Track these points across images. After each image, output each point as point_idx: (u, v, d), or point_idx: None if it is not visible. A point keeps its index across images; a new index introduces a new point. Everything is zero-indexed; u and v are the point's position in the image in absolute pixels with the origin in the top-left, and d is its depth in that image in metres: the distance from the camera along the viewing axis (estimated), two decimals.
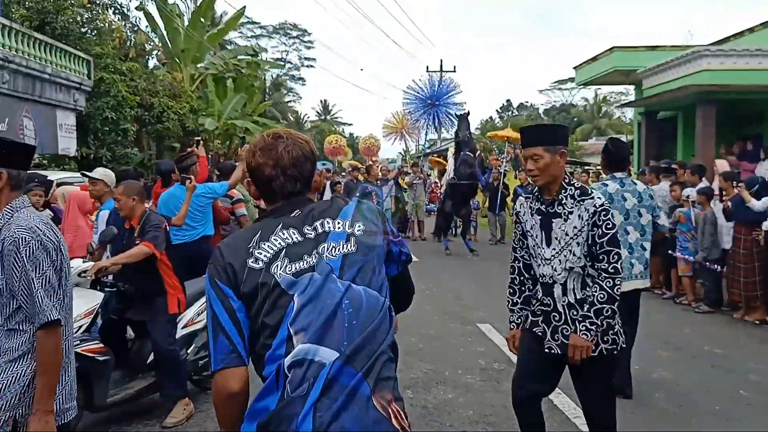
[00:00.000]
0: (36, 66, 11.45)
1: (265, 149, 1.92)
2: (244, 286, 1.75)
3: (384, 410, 1.70)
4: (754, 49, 12.76)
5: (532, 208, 3.29)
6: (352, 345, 1.71)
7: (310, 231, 1.85)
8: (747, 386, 5.25)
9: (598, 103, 60.46)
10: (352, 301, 1.77)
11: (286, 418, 1.64)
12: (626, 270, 4.68)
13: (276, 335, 1.72)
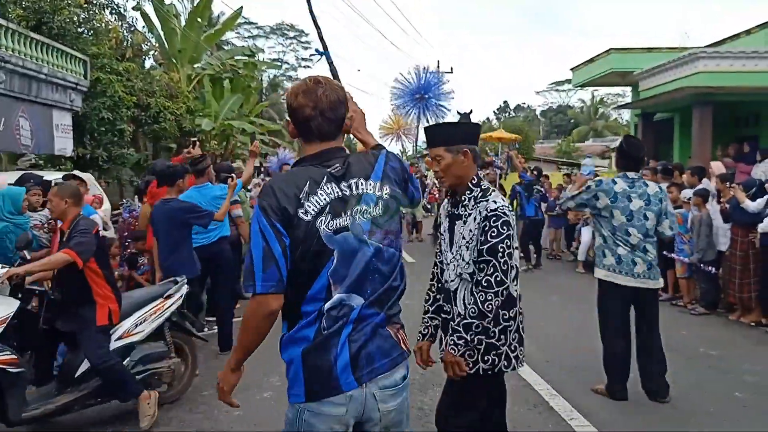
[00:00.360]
0: (32, 66, 11.42)
1: (307, 92, 2.18)
2: (296, 231, 2.07)
3: (395, 337, 2.24)
4: (750, 51, 12.82)
5: (445, 209, 3.15)
6: (375, 294, 2.17)
7: (346, 189, 2.16)
8: (743, 388, 5.25)
9: (595, 104, 60.55)
10: (378, 259, 2.18)
11: (327, 347, 2.10)
12: (627, 266, 4.76)
13: (316, 279, 2.10)
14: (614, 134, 51.02)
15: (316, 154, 2.20)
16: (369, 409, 2.14)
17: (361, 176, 2.20)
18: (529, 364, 5.82)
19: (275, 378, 5.54)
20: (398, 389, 2.22)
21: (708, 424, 4.52)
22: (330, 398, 2.09)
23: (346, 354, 2.10)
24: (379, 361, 2.16)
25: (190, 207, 5.73)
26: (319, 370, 2.10)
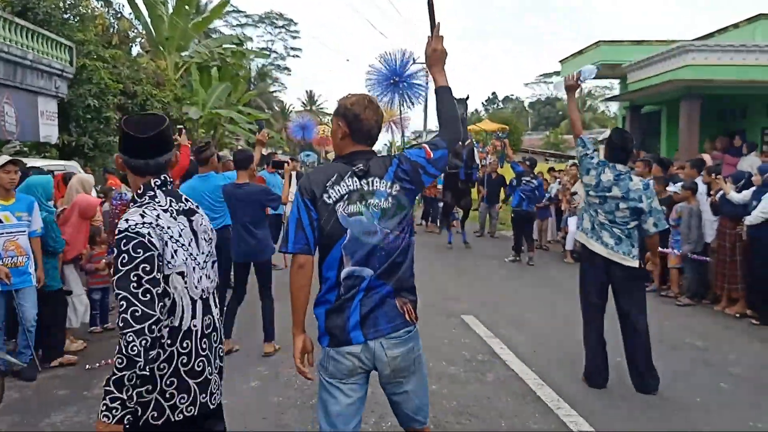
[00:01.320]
0: (17, 52, 11.27)
1: (372, 108, 2.82)
2: (319, 209, 2.66)
3: (401, 308, 2.72)
4: (738, 44, 12.87)
5: None
6: (382, 267, 2.67)
7: (365, 184, 2.70)
8: (727, 379, 5.30)
9: (583, 96, 60.70)
10: (384, 241, 2.68)
11: (342, 309, 2.67)
12: (595, 234, 4.98)
13: (332, 249, 2.67)
14: (602, 126, 51.19)
15: (349, 154, 2.80)
16: (377, 355, 2.68)
17: (377, 176, 2.73)
18: (516, 354, 5.87)
19: (262, 367, 5.53)
20: (401, 341, 2.71)
21: (693, 414, 4.55)
22: (342, 347, 2.68)
23: (357, 316, 2.67)
24: (383, 324, 2.68)
25: (265, 189, 6.19)
26: (336, 327, 2.69)
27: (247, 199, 5.88)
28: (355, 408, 2.76)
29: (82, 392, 4.97)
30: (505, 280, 9.72)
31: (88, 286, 6.71)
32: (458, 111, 3.25)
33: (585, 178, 5.09)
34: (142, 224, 2.22)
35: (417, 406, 2.84)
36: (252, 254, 5.94)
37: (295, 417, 4.43)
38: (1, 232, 5.14)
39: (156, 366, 2.26)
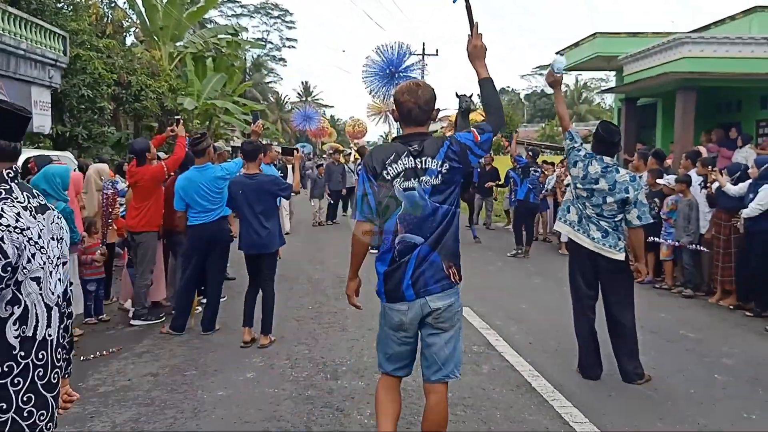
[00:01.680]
0: (10, 41, 11.20)
1: (410, 92, 3.17)
2: (379, 183, 3.13)
3: (446, 271, 3.13)
4: (734, 37, 12.86)
5: None
6: (431, 236, 3.09)
7: (418, 162, 3.09)
8: (721, 370, 5.32)
9: (579, 88, 60.72)
10: (433, 213, 3.09)
11: (398, 271, 3.14)
12: (582, 228, 4.98)
13: (389, 219, 3.13)
14: (597, 119, 51.23)
15: (406, 135, 3.21)
16: (423, 308, 3.14)
17: (430, 155, 3.10)
18: (511, 345, 5.88)
19: (258, 359, 5.52)
20: (443, 296, 3.15)
21: (687, 406, 4.57)
22: (397, 304, 3.18)
23: (409, 277, 3.12)
24: (431, 285, 3.12)
25: (276, 179, 6.14)
26: (392, 287, 3.18)
27: (259, 189, 5.85)
28: (405, 353, 3.33)
29: (76, 383, 4.95)
30: (500, 272, 9.73)
31: (82, 277, 6.69)
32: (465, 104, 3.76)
33: (572, 170, 5.09)
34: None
35: (447, 356, 3.21)
36: (262, 246, 5.90)
37: (291, 409, 4.43)
38: None
39: (9, 381, 1.95)
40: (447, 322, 3.18)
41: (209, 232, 6.25)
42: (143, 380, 5.02)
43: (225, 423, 4.21)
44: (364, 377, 5.05)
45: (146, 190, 6.55)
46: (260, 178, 5.91)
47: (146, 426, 4.17)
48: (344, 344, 5.95)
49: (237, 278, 8.62)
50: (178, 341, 6.09)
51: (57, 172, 5.73)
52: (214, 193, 6.23)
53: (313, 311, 7.24)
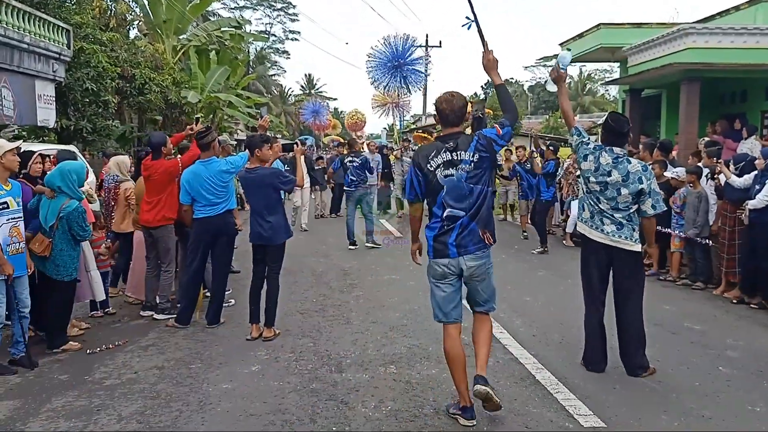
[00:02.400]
0: (14, 35, 11.19)
1: (448, 101, 4.12)
2: (425, 174, 4.09)
3: (482, 236, 4.09)
4: (739, 27, 12.76)
5: None
6: (471, 210, 4.05)
7: (455, 155, 4.04)
8: (725, 363, 5.32)
9: (583, 80, 60.47)
10: (470, 192, 4.05)
11: (445, 235, 4.08)
12: (596, 224, 4.96)
13: (437, 201, 4.09)
14: (601, 110, 51.04)
15: (445, 135, 4.16)
16: (461, 266, 4.14)
17: (463, 149, 4.06)
18: (515, 338, 5.89)
19: (262, 352, 5.55)
20: (478, 257, 4.15)
21: (691, 398, 4.57)
22: (442, 259, 4.14)
23: (453, 240, 4.09)
24: (470, 246, 4.10)
25: (278, 172, 6.25)
26: (440, 246, 4.15)
27: (260, 183, 5.91)
28: (450, 297, 4.23)
29: (83, 377, 4.99)
30: (504, 264, 9.73)
31: None
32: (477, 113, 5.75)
33: (583, 164, 5.04)
34: None
35: (485, 299, 4.32)
36: (266, 238, 5.96)
37: (295, 401, 4.45)
38: (11, 217, 5.10)
39: None
40: (480, 276, 4.20)
41: (215, 225, 6.28)
42: (149, 373, 5.05)
43: (230, 416, 4.24)
44: (369, 370, 5.07)
45: (159, 184, 6.53)
46: (260, 172, 5.96)
47: (152, 419, 4.19)
48: (348, 337, 5.97)
49: (242, 271, 8.63)
50: (183, 334, 6.12)
51: (73, 169, 5.69)
52: (219, 186, 6.24)
53: (318, 304, 7.25)
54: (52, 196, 5.53)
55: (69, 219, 5.50)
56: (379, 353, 5.50)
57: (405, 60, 15.95)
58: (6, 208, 5.04)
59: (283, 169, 7.45)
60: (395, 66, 15.99)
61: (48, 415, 4.28)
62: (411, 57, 16.03)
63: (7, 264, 4.93)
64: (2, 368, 5.05)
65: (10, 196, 5.12)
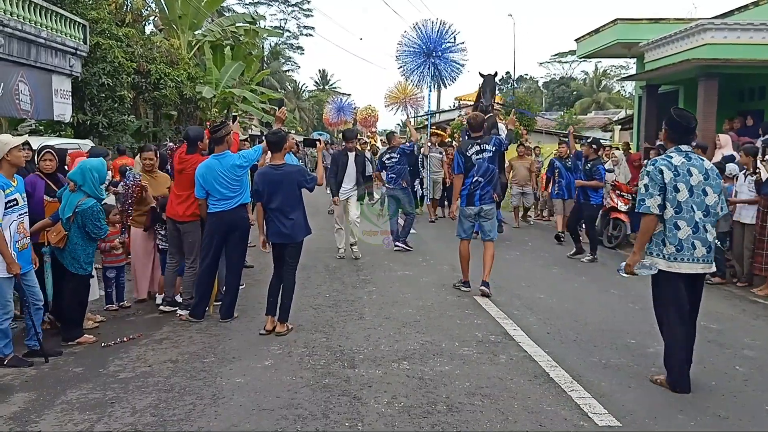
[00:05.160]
0: (31, 30, 11.27)
1: (474, 118, 7.69)
2: (466, 158, 7.29)
3: (493, 195, 7.47)
4: (758, 23, 12.60)
5: None
6: (487, 178, 7.29)
7: (482, 147, 7.30)
8: (742, 362, 5.26)
9: (598, 76, 60.05)
10: (489, 168, 7.31)
11: (474, 192, 7.31)
12: (688, 251, 4.50)
13: (471, 171, 7.28)
14: (617, 107, 50.68)
15: (475, 136, 7.43)
16: (480, 209, 7.29)
17: (486, 143, 7.31)
18: (529, 335, 5.86)
19: (275, 347, 5.55)
20: (489, 204, 7.35)
21: (708, 397, 4.52)
22: (471, 206, 7.29)
23: (478, 195, 7.26)
24: (487, 200, 7.29)
25: (303, 169, 6.28)
26: (469, 199, 7.29)
27: (285, 180, 5.90)
28: (470, 226, 7.43)
29: (97, 369, 5.02)
30: (518, 261, 9.69)
31: (102, 265, 6.76)
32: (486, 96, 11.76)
33: (666, 176, 4.49)
34: None
35: (489, 229, 7.38)
36: (286, 236, 5.95)
37: (308, 396, 4.45)
38: (19, 213, 5.12)
39: None
40: (489, 215, 7.36)
41: (229, 219, 6.28)
42: (163, 366, 5.07)
43: (243, 410, 4.24)
44: (382, 366, 5.06)
45: (192, 178, 6.43)
46: (286, 169, 5.97)
47: (166, 412, 4.21)
48: (361, 333, 5.96)
49: (255, 266, 8.65)
50: (197, 328, 6.14)
51: (94, 167, 5.70)
52: (233, 180, 6.23)
53: (331, 299, 7.26)
54: (74, 189, 5.58)
55: (84, 216, 5.53)
56: (392, 349, 5.49)
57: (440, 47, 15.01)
58: (15, 205, 5.06)
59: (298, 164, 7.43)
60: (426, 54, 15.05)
61: (62, 407, 4.31)
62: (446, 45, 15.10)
63: (15, 263, 4.94)
64: (18, 360, 5.09)
65: (17, 192, 5.13)
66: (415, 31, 15.40)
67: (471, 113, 7.93)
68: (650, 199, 4.50)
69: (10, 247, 4.93)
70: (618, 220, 11.05)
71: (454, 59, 15.36)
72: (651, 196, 4.50)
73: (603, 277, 8.72)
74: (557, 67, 71.07)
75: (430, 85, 16.40)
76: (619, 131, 27.94)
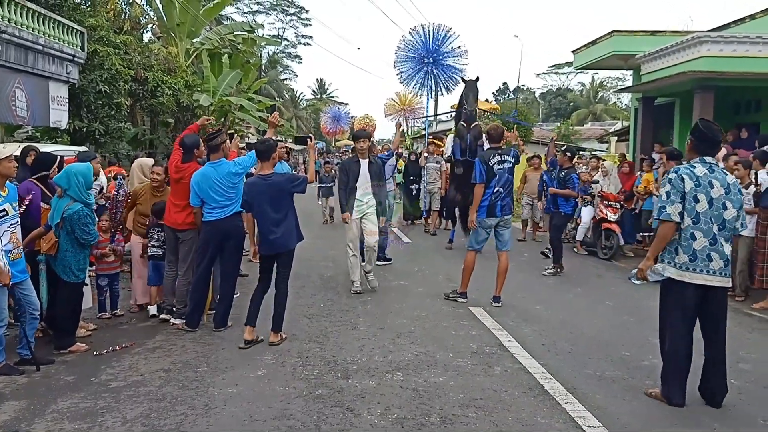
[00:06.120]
0: (29, 37, 11.27)
1: (493, 129, 7.64)
2: (488, 167, 7.23)
3: (511, 204, 7.57)
4: (754, 36, 12.67)
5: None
6: (507, 189, 7.36)
7: (503, 158, 7.31)
8: (738, 375, 5.24)
9: (595, 87, 60.31)
10: (508, 179, 7.37)
11: (495, 202, 7.28)
12: (702, 262, 4.45)
13: (491, 183, 7.23)
14: (613, 118, 50.86)
15: (494, 147, 7.45)
16: (499, 219, 7.31)
17: (506, 154, 7.35)
18: (524, 347, 5.83)
19: (269, 356, 5.52)
20: (508, 214, 7.42)
21: (703, 411, 4.50)
22: (492, 217, 7.28)
23: (499, 206, 7.27)
24: (507, 211, 7.36)
25: (291, 176, 6.27)
26: (490, 210, 7.26)
27: (275, 189, 5.86)
28: (484, 238, 7.40)
29: (89, 378, 4.98)
30: (513, 272, 9.66)
31: (96, 272, 6.73)
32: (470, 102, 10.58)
33: (687, 185, 4.44)
34: None
35: (507, 240, 7.46)
36: (278, 246, 5.91)
37: (301, 407, 4.42)
38: (10, 224, 5.07)
39: None
40: (506, 225, 7.41)
41: (223, 228, 6.25)
42: (155, 376, 5.03)
43: (235, 420, 4.21)
44: (375, 376, 5.03)
45: (189, 187, 6.38)
46: (275, 179, 5.92)
47: (157, 422, 4.17)
48: (355, 343, 5.93)
49: (250, 275, 8.62)
50: (190, 337, 6.10)
51: (79, 171, 5.62)
52: (228, 188, 6.21)
53: (325, 309, 7.22)
54: (62, 194, 5.54)
55: (71, 221, 5.46)
56: (386, 360, 5.46)
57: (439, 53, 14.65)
58: (5, 215, 5.01)
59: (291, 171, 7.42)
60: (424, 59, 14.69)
61: (53, 416, 4.27)
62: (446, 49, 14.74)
63: (4, 273, 4.87)
64: (9, 369, 5.05)
65: (7, 202, 5.06)
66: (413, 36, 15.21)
67: (491, 125, 7.85)
68: (671, 206, 4.46)
69: (1, 257, 4.89)
70: (610, 231, 11.06)
71: (451, 64, 15.13)
72: (672, 203, 4.46)
73: (598, 288, 8.71)
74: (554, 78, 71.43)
75: (428, 94, 16.27)
76: (615, 142, 28.02)
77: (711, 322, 4.62)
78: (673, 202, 4.46)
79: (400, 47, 15.47)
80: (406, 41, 15.33)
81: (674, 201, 4.45)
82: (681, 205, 4.45)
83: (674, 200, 4.45)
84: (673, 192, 4.47)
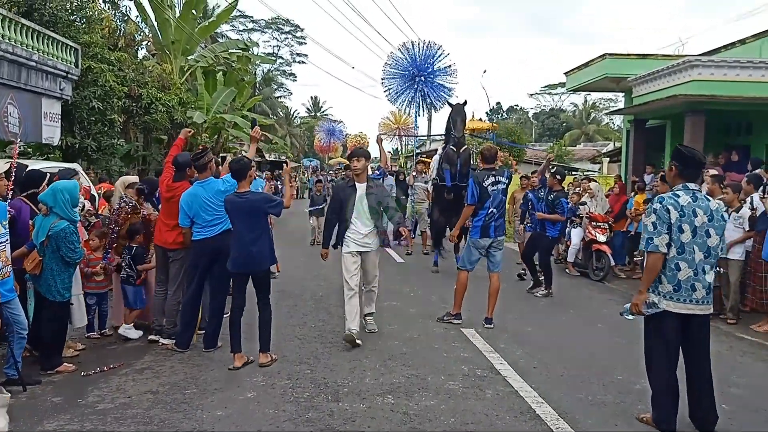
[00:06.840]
0: (22, 53, 11.25)
1: (487, 149, 7.78)
2: (481, 189, 7.27)
3: (503, 226, 7.61)
4: (744, 60, 12.80)
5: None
6: (500, 210, 7.43)
7: (496, 178, 7.39)
8: (729, 400, 5.22)
9: (587, 108, 60.72)
10: (502, 200, 7.43)
11: (489, 224, 7.33)
12: (686, 292, 4.41)
13: (485, 204, 7.28)
14: (605, 139, 51.15)
15: (488, 167, 7.49)
16: (493, 240, 7.35)
17: (500, 176, 7.44)
18: (515, 370, 5.80)
19: (258, 378, 5.47)
20: (501, 236, 7.44)
21: None
22: (485, 238, 7.32)
23: (493, 228, 7.31)
24: (499, 232, 7.41)
25: (267, 197, 6.18)
26: (484, 231, 7.31)
27: (250, 208, 5.79)
28: (476, 258, 7.45)
29: (76, 399, 4.92)
30: (505, 293, 9.64)
31: (84, 291, 6.66)
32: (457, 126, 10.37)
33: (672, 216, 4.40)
34: None
35: (499, 261, 7.46)
36: (251, 265, 5.85)
37: (290, 430, 4.37)
38: (1, 241, 4.99)
39: None
40: (499, 246, 7.43)
41: (214, 246, 6.21)
42: (143, 398, 4.97)
43: None
44: (366, 399, 4.98)
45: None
46: (250, 197, 5.86)
47: None
48: (347, 365, 5.89)
49: None
50: (179, 358, 6.05)
51: (65, 188, 5.58)
52: (217, 206, 6.18)
53: (316, 330, 7.18)
54: (47, 213, 5.50)
55: (57, 239, 5.41)
56: (377, 382, 5.42)
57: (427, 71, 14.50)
58: None
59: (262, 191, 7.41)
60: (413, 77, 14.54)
61: None
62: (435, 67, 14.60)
63: None
64: None
65: None
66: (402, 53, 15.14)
67: (485, 145, 8.41)
68: (658, 238, 4.42)
69: None
70: (600, 252, 11.08)
71: (441, 83, 15.12)
72: (659, 234, 4.42)
73: (591, 310, 8.70)
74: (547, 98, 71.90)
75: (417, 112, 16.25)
76: (607, 163, 28.17)
77: (695, 346, 4.60)
78: (659, 233, 4.43)
79: (388, 63, 15.44)
80: (395, 57, 15.28)
81: (661, 232, 4.42)
82: (668, 236, 4.42)
83: (661, 231, 4.42)
84: (659, 223, 4.43)
